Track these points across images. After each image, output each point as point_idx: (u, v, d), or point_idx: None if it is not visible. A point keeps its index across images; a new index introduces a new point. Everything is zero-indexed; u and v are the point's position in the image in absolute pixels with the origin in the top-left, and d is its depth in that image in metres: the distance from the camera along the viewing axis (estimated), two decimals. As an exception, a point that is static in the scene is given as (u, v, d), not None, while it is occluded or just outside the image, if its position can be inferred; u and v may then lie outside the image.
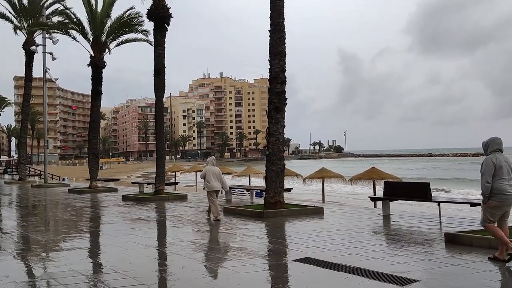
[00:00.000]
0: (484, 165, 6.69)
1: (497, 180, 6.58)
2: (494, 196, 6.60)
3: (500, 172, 6.58)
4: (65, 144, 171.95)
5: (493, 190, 6.59)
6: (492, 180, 6.58)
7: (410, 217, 11.73)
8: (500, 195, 6.56)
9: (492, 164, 6.60)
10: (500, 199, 6.57)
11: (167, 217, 13.50)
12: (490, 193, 6.60)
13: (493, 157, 6.67)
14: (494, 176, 6.59)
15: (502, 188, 6.56)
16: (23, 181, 35.14)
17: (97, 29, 26.05)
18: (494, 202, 6.61)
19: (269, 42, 13.71)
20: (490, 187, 6.57)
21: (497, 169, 6.58)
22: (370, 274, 6.11)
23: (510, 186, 6.59)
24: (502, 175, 6.58)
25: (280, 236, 9.83)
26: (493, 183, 6.58)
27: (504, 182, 6.57)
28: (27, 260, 7.71)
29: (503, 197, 6.56)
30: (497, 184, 6.57)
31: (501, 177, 6.57)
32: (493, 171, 6.58)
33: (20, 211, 16.50)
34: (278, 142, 13.50)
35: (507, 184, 6.58)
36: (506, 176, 6.60)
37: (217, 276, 6.36)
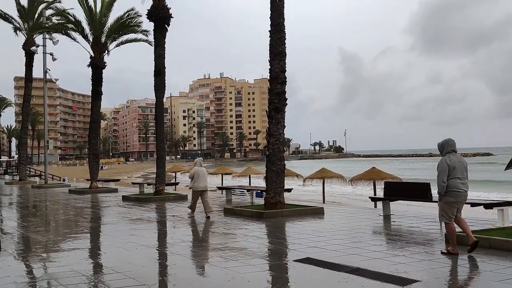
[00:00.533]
0: (439, 166, 7.23)
1: (451, 179, 7.14)
2: (449, 193, 7.16)
3: (454, 171, 7.14)
4: (66, 145, 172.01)
5: (448, 188, 7.13)
6: (447, 179, 7.11)
7: (411, 217, 11.73)
8: (455, 190, 7.14)
9: (447, 164, 7.14)
10: (455, 194, 7.16)
11: (168, 218, 13.50)
12: (447, 191, 7.14)
13: (448, 158, 7.21)
14: (449, 175, 7.12)
15: (456, 186, 7.14)
16: (24, 182, 35.15)
17: (97, 29, 26.06)
18: (449, 198, 7.19)
19: (269, 43, 13.71)
20: (448, 186, 7.12)
21: (451, 169, 7.13)
22: (370, 274, 6.11)
23: (463, 184, 7.17)
24: (456, 174, 7.14)
25: (280, 237, 9.84)
26: (448, 181, 7.12)
27: (458, 180, 7.14)
28: (28, 261, 7.71)
29: (457, 192, 7.15)
30: (452, 182, 7.14)
31: (455, 176, 7.14)
32: (448, 171, 7.11)
33: (21, 211, 16.51)
34: (278, 142, 13.50)
35: (460, 182, 7.16)
36: (460, 175, 7.16)
37: (218, 276, 6.35)
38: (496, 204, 10.18)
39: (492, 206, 10.14)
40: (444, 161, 7.21)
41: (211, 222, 11.90)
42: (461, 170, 7.20)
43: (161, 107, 20.92)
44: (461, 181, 7.17)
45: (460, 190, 7.15)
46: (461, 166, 7.22)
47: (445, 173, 7.13)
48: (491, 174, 57.94)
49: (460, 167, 7.20)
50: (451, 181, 7.15)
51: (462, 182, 7.18)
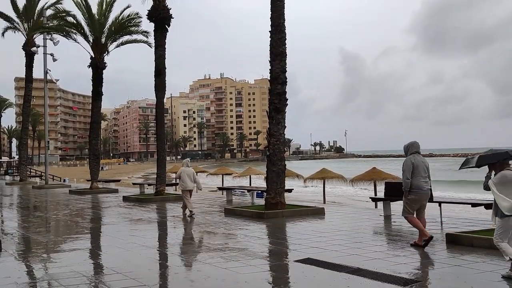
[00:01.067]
0: (404, 164, 7.85)
1: (415, 178, 7.74)
2: (413, 191, 7.80)
3: (417, 170, 7.74)
4: (66, 145, 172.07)
5: (412, 186, 7.76)
6: (411, 178, 7.72)
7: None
8: (418, 190, 7.76)
9: (411, 163, 7.77)
10: (418, 193, 7.78)
11: (168, 218, 13.50)
12: (410, 189, 7.77)
13: (412, 158, 7.84)
14: (412, 174, 7.74)
15: (419, 184, 7.75)
16: (24, 182, 35.15)
17: (97, 30, 26.07)
18: (413, 196, 7.82)
19: (269, 43, 13.71)
20: (410, 183, 7.74)
21: (415, 168, 7.74)
22: (371, 275, 6.11)
23: (425, 183, 7.81)
24: (419, 173, 7.75)
25: (281, 237, 9.83)
26: (412, 180, 7.74)
27: (421, 179, 7.76)
28: (28, 261, 7.72)
29: (420, 192, 7.77)
30: (415, 181, 7.73)
31: (418, 175, 7.75)
32: (412, 170, 7.73)
33: (21, 212, 16.51)
34: (279, 142, 13.49)
35: (423, 181, 7.77)
36: (423, 174, 7.79)
37: (218, 277, 6.35)
38: (496, 204, 10.17)
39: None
40: (409, 160, 7.83)
41: (212, 222, 11.90)
42: (424, 169, 7.80)
43: (162, 108, 20.92)
44: (424, 180, 7.78)
45: (423, 189, 7.78)
46: (423, 166, 7.83)
47: (409, 171, 7.76)
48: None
49: (422, 166, 7.82)
50: (415, 180, 7.75)
51: (425, 181, 7.79)
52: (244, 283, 6.01)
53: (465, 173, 61.90)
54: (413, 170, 7.75)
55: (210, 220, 12.37)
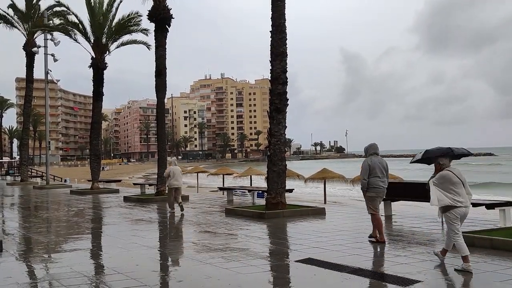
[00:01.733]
0: (362, 166, 8.52)
1: (372, 177, 8.40)
2: (370, 189, 8.46)
3: (374, 171, 8.39)
4: (67, 145, 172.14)
5: (370, 185, 8.43)
6: (368, 177, 8.38)
7: (412, 218, 11.72)
8: (374, 188, 8.43)
9: (368, 165, 8.43)
10: (375, 191, 8.45)
11: (169, 218, 13.50)
12: (368, 187, 8.43)
13: (369, 159, 8.48)
14: (370, 174, 8.39)
15: (376, 183, 8.42)
16: (25, 183, 35.17)
17: (98, 30, 26.08)
18: (371, 193, 8.48)
19: (270, 43, 13.71)
20: (367, 183, 8.40)
21: (372, 169, 8.38)
22: (372, 275, 6.11)
23: (382, 181, 8.46)
24: (376, 174, 8.41)
25: (281, 237, 9.83)
26: (369, 179, 8.40)
27: (378, 178, 8.42)
28: (29, 261, 7.73)
29: (377, 189, 8.44)
30: (372, 180, 8.40)
31: (375, 175, 8.41)
32: (369, 170, 8.36)
33: (22, 212, 16.53)
34: (280, 142, 13.49)
35: (380, 180, 8.44)
36: (379, 174, 8.44)
37: (219, 277, 6.35)
38: (497, 204, 10.17)
39: (494, 206, 10.13)
40: (366, 162, 8.50)
41: (213, 222, 11.90)
42: (381, 169, 8.47)
43: (162, 108, 20.92)
44: (380, 179, 8.46)
45: (379, 187, 8.46)
46: (380, 167, 8.48)
47: (366, 172, 8.43)
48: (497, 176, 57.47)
49: (379, 167, 8.47)
50: (372, 179, 8.43)
51: (381, 180, 8.47)
52: (245, 283, 6.01)
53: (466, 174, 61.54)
54: (370, 170, 8.43)
55: (211, 220, 12.38)
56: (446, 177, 6.43)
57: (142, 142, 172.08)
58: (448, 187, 6.37)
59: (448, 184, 6.39)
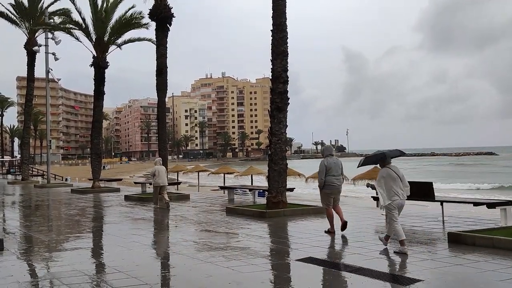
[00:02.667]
0: (319, 166, 9.53)
1: (328, 176, 9.37)
2: (326, 187, 9.42)
3: (330, 170, 9.38)
4: (68, 144, 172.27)
5: (326, 182, 9.37)
6: (325, 176, 9.34)
7: (413, 217, 11.71)
8: (330, 185, 9.39)
9: (324, 165, 9.42)
10: (330, 188, 9.41)
11: (170, 217, 13.51)
12: (324, 184, 9.37)
13: (325, 160, 9.48)
14: (326, 173, 9.34)
15: (331, 181, 9.38)
16: (26, 181, 35.21)
17: (100, 29, 26.09)
18: (326, 190, 9.46)
19: (271, 42, 13.70)
20: (324, 181, 9.35)
21: (328, 169, 9.38)
22: (373, 274, 6.10)
23: (337, 179, 9.41)
24: (331, 172, 9.38)
25: (282, 236, 9.83)
26: (326, 178, 9.35)
27: (333, 177, 9.37)
28: (30, 260, 7.73)
29: (332, 187, 9.40)
30: (328, 178, 9.37)
31: (330, 174, 9.38)
32: (325, 170, 9.34)
33: (23, 211, 16.54)
34: (281, 141, 13.49)
35: (335, 178, 9.39)
36: (335, 173, 9.40)
37: (220, 276, 6.35)
38: (498, 204, 10.16)
39: (495, 206, 10.12)
40: (322, 162, 9.49)
41: (214, 221, 11.91)
42: (336, 169, 9.43)
43: (163, 107, 20.94)
44: (335, 177, 9.41)
45: (334, 184, 9.40)
46: (336, 166, 9.45)
47: (323, 172, 9.39)
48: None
49: (335, 167, 9.44)
50: (328, 178, 9.37)
51: (336, 178, 9.41)
52: (245, 282, 6.01)
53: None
54: (326, 170, 9.39)
55: (211, 219, 12.38)
56: (386, 173, 7.68)
57: (143, 141, 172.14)
58: (389, 182, 7.59)
59: (389, 178, 7.61)
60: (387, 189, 7.60)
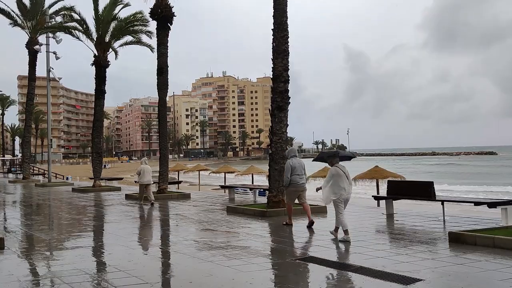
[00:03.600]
0: (285, 167, 10.72)
1: (293, 175, 10.50)
2: (291, 185, 10.58)
3: (295, 170, 10.51)
4: (69, 143, 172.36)
5: (291, 181, 10.55)
6: (290, 175, 10.48)
7: (414, 216, 11.71)
8: (295, 184, 10.55)
9: (290, 166, 10.56)
10: (295, 186, 10.58)
11: (171, 216, 13.51)
12: (289, 183, 10.54)
13: (291, 161, 10.63)
14: (292, 172, 10.49)
15: (296, 180, 10.54)
16: (27, 180, 35.22)
17: (101, 28, 26.09)
18: (291, 188, 10.62)
19: (272, 41, 13.69)
20: (290, 179, 10.49)
21: (293, 169, 10.51)
22: (373, 273, 6.10)
23: (300, 178, 10.58)
24: (296, 172, 10.51)
25: (283, 235, 9.82)
26: (291, 177, 10.50)
27: (297, 176, 10.52)
28: (31, 259, 7.74)
29: (296, 185, 10.57)
30: (293, 178, 10.51)
31: (295, 173, 10.51)
32: (291, 170, 10.48)
33: (24, 210, 16.55)
34: (281, 141, 13.48)
35: (299, 177, 10.54)
36: (299, 173, 10.55)
37: (221, 275, 6.35)
38: (499, 203, 10.14)
39: (496, 205, 10.10)
40: (288, 163, 10.65)
41: (214, 220, 11.91)
42: (300, 169, 10.55)
43: (164, 106, 20.93)
44: (299, 176, 10.54)
45: (298, 183, 10.55)
46: (299, 166, 10.57)
47: (288, 172, 10.53)
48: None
49: (299, 167, 10.55)
50: (293, 177, 10.51)
51: (300, 177, 10.56)
52: (246, 281, 6.01)
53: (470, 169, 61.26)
54: (292, 170, 10.48)
55: (212, 218, 12.39)
56: (335, 171, 8.88)
57: (143, 140, 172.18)
58: (337, 179, 8.74)
59: (336, 176, 8.78)
60: (336, 185, 8.76)
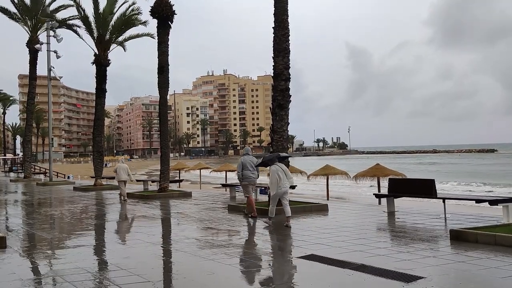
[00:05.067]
0: (237, 164, 12.31)
1: (245, 171, 11.96)
2: (244, 179, 12.00)
3: (246, 166, 11.98)
4: (70, 142, 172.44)
5: (243, 176, 11.97)
6: (242, 170, 11.95)
7: (415, 214, 11.71)
8: (247, 178, 11.98)
9: (241, 162, 12.05)
10: (247, 180, 11.99)
11: (172, 215, 13.53)
12: (242, 178, 11.98)
13: (242, 158, 12.12)
14: (243, 168, 11.93)
15: (247, 174, 11.98)
16: (29, 179, 35.27)
17: (102, 26, 26.09)
18: (244, 182, 12.01)
19: (273, 39, 13.67)
20: (242, 175, 11.96)
21: (244, 165, 11.98)
22: (375, 271, 6.10)
23: (252, 173, 11.97)
24: (247, 168, 11.98)
25: (284, 233, 9.83)
26: (243, 172, 11.95)
27: (248, 171, 11.97)
28: (33, 258, 7.75)
29: (248, 179, 11.99)
30: (245, 173, 11.97)
31: (247, 169, 11.97)
32: (242, 166, 11.97)
33: (26, 209, 16.58)
34: (282, 139, 13.48)
35: (250, 172, 11.96)
36: (250, 168, 11.97)
37: (222, 273, 6.36)
38: (501, 201, 10.13)
39: (497, 203, 10.09)
40: (240, 161, 12.15)
41: (216, 218, 11.92)
42: (250, 165, 11.99)
43: (165, 105, 20.92)
44: (251, 171, 11.97)
45: (249, 177, 11.96)
46: (250, 163, 12.00)
47: (240, 168, 12.05)
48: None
49: (250, 163, 11.99)
50: (244, 172, 11.95)
51: (252, 172, 11.96)
52: (248, 280, 6.02)
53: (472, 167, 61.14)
54: (243, 166, 11.95)
55: (213, 217, 12.40)
56: (275, 169, 10.36)
57: (144, 139, 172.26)
58: (275, 176, 10.29)
59: (276, 173, 10.31)
60: (276, 181, 10.27)
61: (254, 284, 5.83)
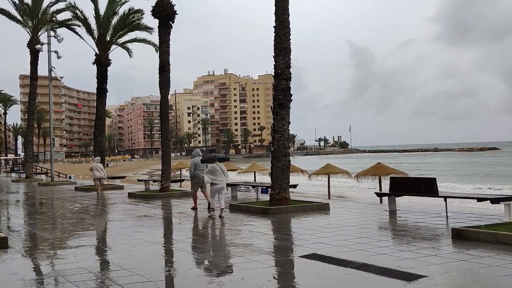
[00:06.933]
0: (190, 164, 13.80)
1: (196, 170, 13.42)
2: (195, 178, 13.47)
3: (198, 166, 13.42)
4: (71, 142, 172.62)
5: (195, 175, 13.45)
6: (194, 170, 13.44)
7: (417, 213, 11.70)
8: (197, 177, 13.39)
9: (193, 163, 13.49)
10: (197, 179, 13.41)
11: (173, 214, 13.54)
12: (193, 176, 13.47)
13: (195, 159, 13.48)
14: (195, 168, 13.42)
15: (198, 174, 13.37)
16: (30, 179, 35.31)
17: (103, 27, 26.10)
18: (195, 180, 13.53)
19: (274, 39, 13.66)
20: (194, 174, 13.44)
21: (196, 166, 13.43)
22: (376, 270, 6.10)
23: (202, 172, 12.93)
24: (199, 168, 13.39)
25: (286, 233, 9.83)
26: (194, 171, 13.45)
27: (199, 171, 13.30)
28: (35, 258, 7.76)
29: (198, 178, 13.30)
30: (197, 172, 13.42)
31: (198, 169, 13.40)
32: (194, 166, 13.45)
33: (28, 209, 16.60)
34: (283, 138, 13.47)
35: (201, 171, 13.16)
36: (200, 168, 13.28)
37: (223, 272, 6.37)
38: (502, 199, 10.12)
39: (499, 201, 10.08)
40: (192, 161, 13.56)
41: (217, 218, 11.93)
42: (202, 166, 13.24)
43: (166, 104, 20.92)
44: (201, 171, 13.11)
45: (199, 176, 13.20)
46: (202, 164, 13.24)
47: (192, 167, 13.47)
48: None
49: (201, 164, 13.29)
50: (196, 171, 13.41)
51: (202, 171, 12.94)
52: (249, 279, 6.02)
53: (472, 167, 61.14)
54: (195, 166, 13.38)
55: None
56: (213, 167, 11.85)
57: (146, 139, 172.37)
58: (213, 173, 11.72)
59: (213, 170, 11.75)
60: (213, 176, 11.68)
61: (256, 284, 5.83)
